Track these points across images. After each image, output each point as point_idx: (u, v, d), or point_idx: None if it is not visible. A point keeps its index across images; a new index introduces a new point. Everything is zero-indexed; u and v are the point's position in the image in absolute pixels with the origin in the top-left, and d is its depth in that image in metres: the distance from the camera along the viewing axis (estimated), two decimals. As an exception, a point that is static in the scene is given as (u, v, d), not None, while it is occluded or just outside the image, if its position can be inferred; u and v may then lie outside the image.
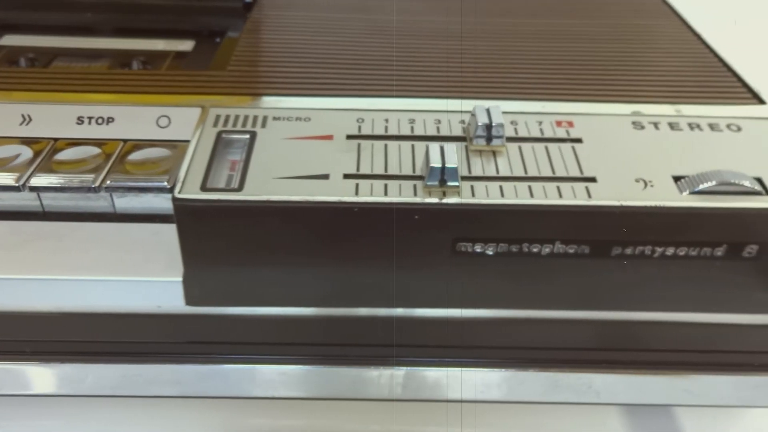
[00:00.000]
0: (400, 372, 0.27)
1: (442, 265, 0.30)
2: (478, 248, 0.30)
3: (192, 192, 0.29)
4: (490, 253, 0.30)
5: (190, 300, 0.31)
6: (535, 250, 0.30)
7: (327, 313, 0.31)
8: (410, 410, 0.33)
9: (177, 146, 0.32)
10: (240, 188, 0.29)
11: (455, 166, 0.29)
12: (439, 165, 0.29)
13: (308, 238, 0.29)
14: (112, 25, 0.48)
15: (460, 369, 0.27)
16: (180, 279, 0.31)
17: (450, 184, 0.29)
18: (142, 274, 0.31)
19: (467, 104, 0.34)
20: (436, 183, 0.29)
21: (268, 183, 0.30)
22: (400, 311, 0.31)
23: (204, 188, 0.29)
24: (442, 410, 0.33)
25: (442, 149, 0.30)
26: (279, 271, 0.30)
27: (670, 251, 0.30)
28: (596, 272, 0.30)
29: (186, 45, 0.47)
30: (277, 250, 0.30)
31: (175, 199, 0.29)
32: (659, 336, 0.32)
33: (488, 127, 0.32)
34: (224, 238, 0.29)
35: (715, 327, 0.32)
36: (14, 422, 0.33)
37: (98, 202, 0.32)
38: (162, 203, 0.31)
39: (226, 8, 0.47)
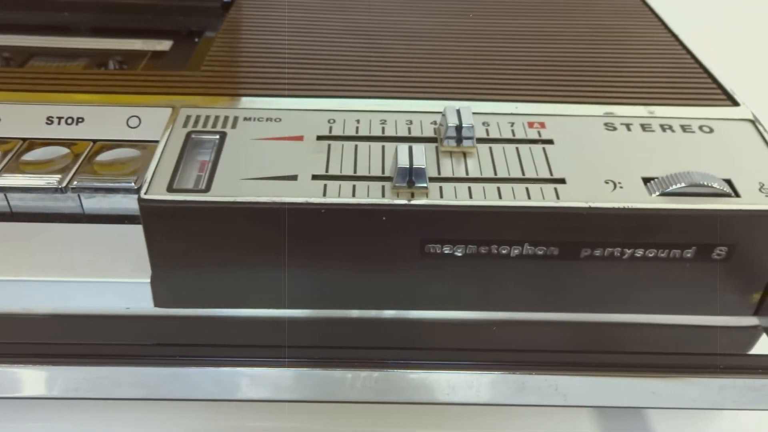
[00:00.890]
0: (368, 374, 0.27)
1: (411, 267, 0.30)
2: (446, 249, 0.30)
3: (158, 193, 0.29)
4: (459, 254, 0.30)
5: (158, 302, 0.31)
6: (504, 251, 0.30)
7: (295, 315, 0.31)
8: (377, 412, 0.33)
9: (147, 147, 0.32)
10: (207, 189, 0.29)
11: (423, 166, 0.29)
12: (407, 166, 0.29)
13: (275, 239, 0.29)
14: (90, 25, 0.48)
15: (426, 371, 0.27)
16: (148, 280, 0.31)
17: (418, 185, 0.29)
18: (110, 276, 0.31)
19: (440, 105, 0.34)
20: (405, 184, 0.29)
21: (235, 184, 0.29)
22: (369, 313, 0.31)
23: (171, 189, 0.29)
24: (409, 412, 0.33)
25: (410, 150, 0.30)
26: (247, 273, 0.30)
27: (639, 253, 0.30)
28: (565, 274, 0.30)
29: (164, 45, 0.47)
30: (245, 251, 0.30)
31: (140, 200, 0.29)
32: (627, 338, 0.32)
33: (458, 128, 0.31)
34: (191, 240, 0.29)
35: (682, 329, 0.32)
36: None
37: (66, 203, 0.32)
38: (131, 204, 0.31)
39: (204, 8, 0.47)
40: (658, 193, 0.30)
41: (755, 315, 0.32)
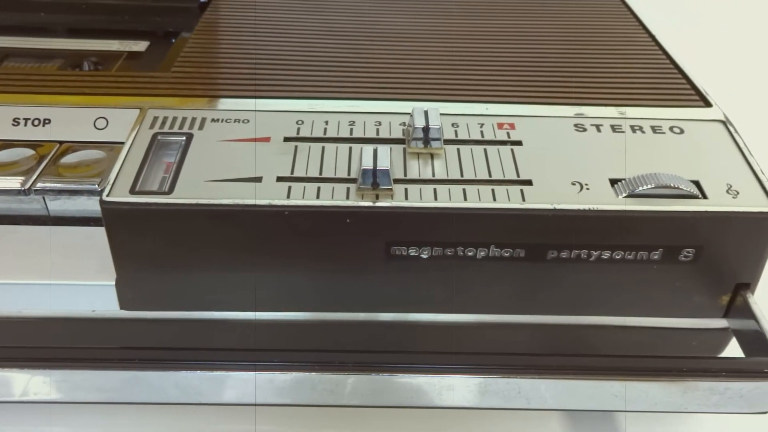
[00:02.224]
0: (328, 377, 0.27)
1: (376, 269, 0.30)
2: (412, 251, 0.30)
3: (121, 195, 0.29)
4: (425, 256, 0.30)
5: (124, 304, 0.31)
6: (470, 253, 0.30)
7: (262, 318, 0.31)
8: (337, 415, 0.33)
9: (113, 148, 0.32)
10: (170, 191, 0.29)
11: (387, 168, 0.29)
12: (371, 167, 0.29)
13: (239, 241, 0.29)
14: (67, 26, 0.47)
15: (388, 375, 0.27)
16: (113, 283, 0.30)
17: (383, 186, 0.29)
18: (75, 278, 0.31)
19: (410, 106, 0.33)
20: (369, 186, 0.29)
21: (199, 186, 0.29)
22: (333, 316, 0.31)
23: (133, 191, 0.29)
24: (368, 416, 0.33)
25: (375, 152, 0.29)
26: (212, 275, 0.30)
27: (606, 255, 0.30)
28: (532, 276, 0.30)
29: (140, 46, 0.46)
30: (209, 253, 0.29)
31: (102, 202, 0.28)
32: (596, 340, 0.32)
33: (425, 129, 0.31)
34: (154, 242, 0.29)
35: (652, 331, 0.32)
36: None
37: (32, 205, 0.32)
38: (95, 206, 0.31)
39: (181, 8, 0.47)
40: (624, 195, 0.29)
41: (725, 317, 0.32)
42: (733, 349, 0.32)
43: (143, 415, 0.33)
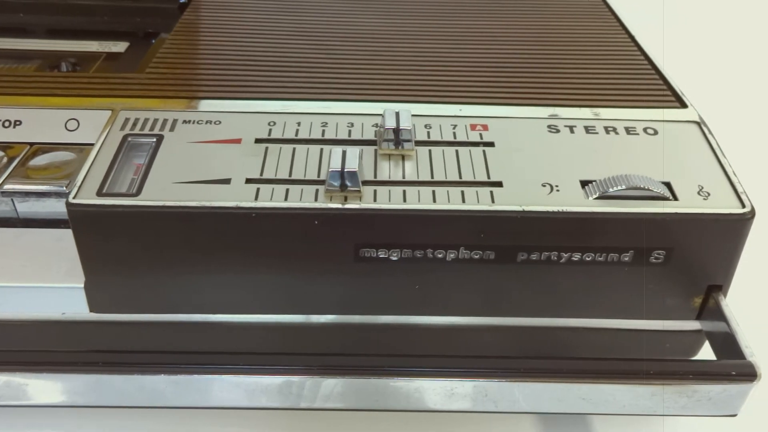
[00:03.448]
0: (287, 380, 0.27)
1: (345, 271, 0.30)
2: (381, 254, 0.29)
3: (87, 197, 0.28)
4: (395, 258, 0.29)
5: (93, 307, 0.31)
6: (439, 255, 0.29)
7: (230, 320, 0.31)
8: (306, 419, 0.33)
9: (83, 150, 0.32)
10: (137, 193, 0.29)
11: (355, 170, 0.29)
12: (339, 169, 0.29)
13: (207, 243, 0.29)
14: (46, 26, 0.47)
15: (354, 378, 0.27)
16: (82, 285, 0.30)
17: (351, 188, 0.29)
18: (45, 281, 0.30)
19: (384, 107, 0.33)
20: (337, 187, 0.29)
21: (166, 188, 0.29)
22: (297, 318, 0.31)
23: (101, 193, 0.29)
24: (335, 420, 0.33)
25: (343, 153, 0.29)
26: (181, 277, 0.30)
27: (576, 257, 0.29)
28: (503, 278, 0.30)
29: (119, 47, 0.46)
30: (177, 255, 0.29)
31: (69, 204, 0.28)
32: (563, 343, 0.32)
33: (396, 131, 0.31)
34: (122, 244, 0.29)
35: (619, 333, 0.31)
36: None
37: (0, 207, 0.32)
38: (64, 208, 0.31)
39: (161, 9, 0.47)
40: (595, 196, 0.29)
41: (698, 319, 0.32)
42: (708, 351, 0.32)
43: (112, 418, 0.33)
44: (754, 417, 0.30)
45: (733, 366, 0.27)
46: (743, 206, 0.29)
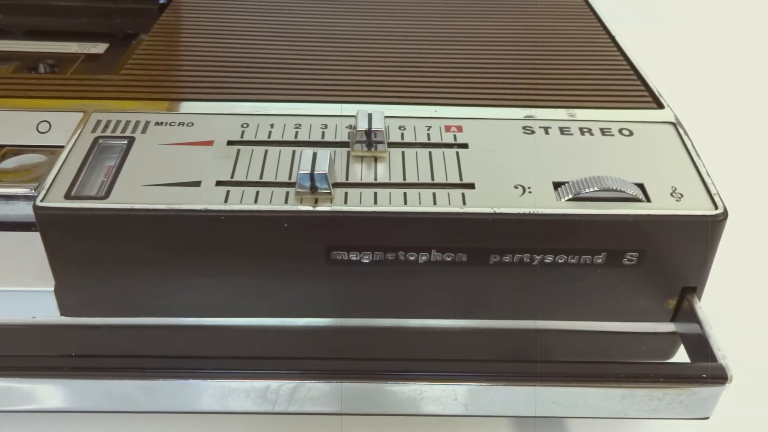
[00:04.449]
0: (264, 384, 0.27)
1: (317, 274, 0.29)
2: (353, 256, 0.29)
3: (55, 200, 0.28)
4: (366, 261, 0.29)
5: (64, 310, 0.31)
6: (411, 258, 0.29)
7: (200, 323, 0.31)
8: (273, 422, 0.33)
9: (54, 152, 0.32)
10: (106, 196, 0.29)
11: (325, 172, 0.28)
12: (308, 171, 0.28)
13: (177, 247, 0.29)
14: (25, 28, 0.47)
15: (322, 381, 0.27)
16: (52, 289, 0.30)
17: (321, 190, 0.29)
18: (15, 284, 0.30)
19: (358, 109, 0.33)
20: (307, 190, 0.29)
21: (135, 190, 0.29)
22: (269, 321, 0.31)
23: (69, 196, 0.29)
24: (306, 424, 0.33)
25: (314, 155, 0.29)
26: (151, 281, 0.30)
27: (549, 259, 0.29)
28: (475, 280, 0.30)
29: (98, 48, 0.46)
30: (146, 259, 0.29)
31: (36, 208, 0.28)
32: (533, 345, 0.32)
33: (368, 132, 0.31)
34: (90, 247, 0.29)
35: (594, 335, 0.31)
36: None
37: (-30, 210, 0.31)
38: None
39: (140, 10, 0.46)
40: (567, 198, 0.29)
41: (673, 321, 0.31)
42: (684, 354, 0.32)
43: (81, 423, 0.32)
44: (727, 419, 0.30)
45: (704, 369, 0.27)
46: (716, 207, 0.29)
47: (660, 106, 0.35)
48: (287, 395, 0.27)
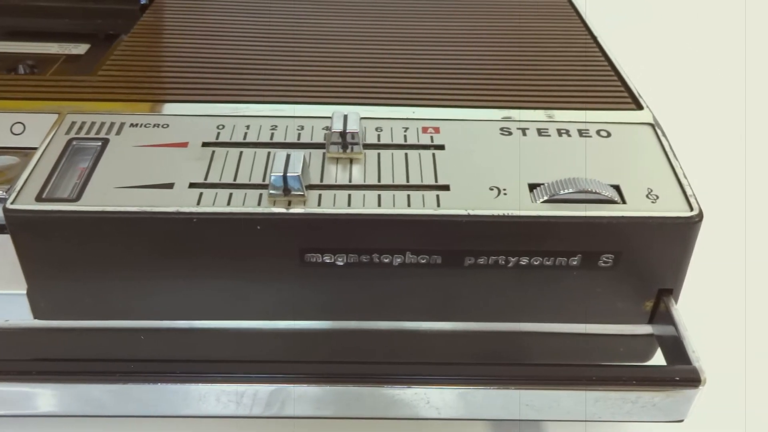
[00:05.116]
0: (234, 388, 0.26)
1: (291, 276, 0.29)
2: (327, 259, 0.29)
3: (25, 202, 0.28)
4: (341, 263, 0.29)
5: (37, 313, 0.30)
6: (386, 260, 0.29)
7: (175, 326, 0.30)
8: (244, 426, 0.32)
9: (27, 154, 0.31)
10: (77, 198, 0.28)
11: (298, 174, 0.28)
12: (281, 173, 0.28)
13: (150, 249, 0.28)
14: (6, 28, 0.47)
15: (292, 385, 0.26)
16: (25, 292, 0.30)
17: (294, 192, 0.28)
18: (-13, 287, 0.30)
19: (336, 110, 0.33)
20: (280, 192, 0.28)
21: (107, 193, 0.29)
22: (243, 324, 0.30)
23: (40, 198, 0.28)
24: (277, 427, 0.32)
25: (287, 156, 0.29)
26: (124, 283, 0.29)
27: (524, 261, 0.29)
28: (450, 283, 0.30)
29: (79, 49, 0.46)
30: (119, 261, 0.29)
31: (5, 210, 0.28)
32: (517, 348, 0.31)
33: (342, 134, 0.31)
34: (62, 250, 0.28)
35: (571, 337, 0.31)
36: None
37: (-58, 213, 0.31)
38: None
39: (122, 11, 0.46)
40: (542, 200, 0.29)
41: (650, 324, 0.31)
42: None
43: (55, 428, 0.32)
44: (702, 422, 0.30)
45: (677, 371, 0.27)
46: (691, 209, 0.29)
47: (639, 107, 0.35)
48: (258, 399, 0.27)
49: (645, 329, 0.31)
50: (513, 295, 0.30)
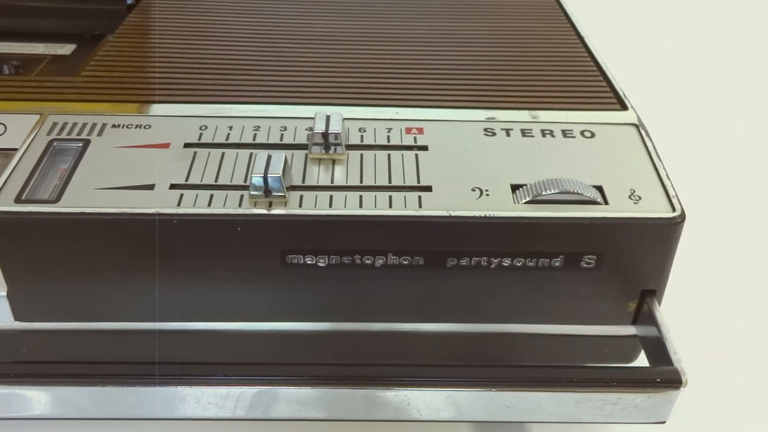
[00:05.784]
0: (212, 390, 0.26)
1: (272, 278, 0.29)
2: (308, 260, 0.29)
3: (5, 204, 0.28)
4: (322, 264, 0.29)
5: (18, 315, 0.30)
6: (368, 261, 0.29)
7: (156, 327, 0.30)
8: (227, 428, 0.32)
9: (8, 155, 0.31)
10: (57, 200, 0.28)
11: (278, 175, 0.28)
12: (261, 174, 0.28)
13: (129, 251, 0.28)
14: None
15: (273, 387, 0.26)
16: (5, 294, 0.30)
17: (275, 194, 0.28)
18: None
19: (319, 111, 0.33)
20: (261, 193, 0.28)
21: (87, 194, 0.28)
22: (222, 326, 0.30)
23: (19, 200, 0.28)
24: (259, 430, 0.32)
25: (268, 158, 0.29)
26: (105, 285, 0.29)
27: (507, 262, 0.29)
28: (433, 284, 0.30)
29: (65, 49, 0.45)
30: (99, 263, 0.29)
31: (-16, 212, 0.28)
32: (493, 349, 0.31)
33: (324, 134, 0.31)
34: (42, 252, 0.28)
35: (555, 338, 0.31)
36: None
37: None
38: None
39: (108, 11, 0.46)
40: (525, 201, 0.29)
41: (633, 324, 0.31)
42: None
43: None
44: (685, 424, 0.30)
45: (658, 373, 0.27)
46: (673, 210, 0.29)
47: (624, 107, 0.35)
48: (240, 402, 0.27)
49: (629, 330, 0.31)
50: (496, 297, 0.30)
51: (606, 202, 0.29)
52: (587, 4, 0.53)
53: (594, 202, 0.29)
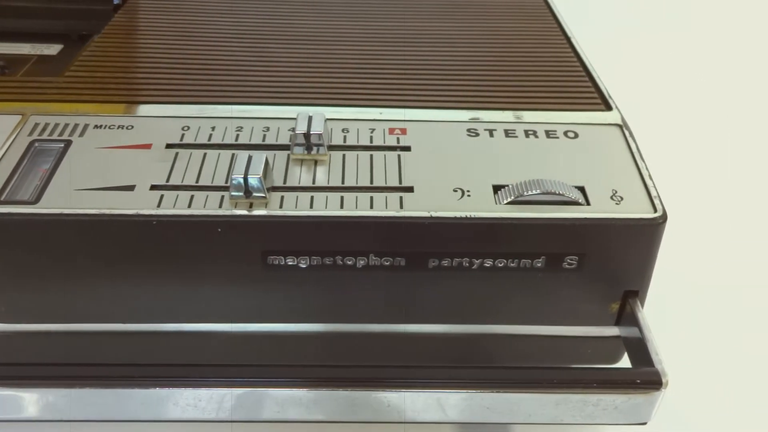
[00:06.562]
0: (184, 391, 0.26)
1: (253, 279, 0.29)
2: (290, 261, 0.29)
3: (-18, 205, 0.28)
4: (303, 266, 0.29)
5: (-1, 317, 0.30)
6: (349, 262, 0.29)
7: (138, 329, 0.30)
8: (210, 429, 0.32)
9: (-11, 156, 0.31)
10: (36, 201, 0.28)
11: (259, 176, 0.28)
12: (241, 175, 0.28)
13: (109, 252, 0.28)
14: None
15: (254, 389, 0.26)
16: (-15, 295, 0.29)
17: (256, 195, 0.28)
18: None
19: (299, 111, 0.32)
20: (242, 194, 0.28)
21: (67, 195, 0.28)
22: (201, 327, 0.30)
23: (-2, 200, 0.28)
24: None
25: (249, 158, 0.29)
26: (86, 286, 0.29)
27: (488, 263, 0.29)
28: (415, 285, 0.29)
29: (52, 49, 0.45)
30: (78, 265, 0.28)
31: (-39, 213, 0.27)
32: (476, 350, 0.31)
33: (306, 135, 0.30)
34: (21, 253, 0.28)
35: (538, 339, 0.31)
36: None
37: None
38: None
39: (95, 11, 0.46)
40: (506, 201, 0.29)
41: (616, 325, 0.31)
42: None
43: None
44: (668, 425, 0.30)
45: (639, 374, 0.27)
46: (655, 211, 0.28)
47: (608, 108, 0.35)
48: (222, 404, 0.27)
49: (612, 331, 0.31)
50: (478, 297, 0.30)
51: (588, 203, 0.29)
52: (576, 5, 0.54)
53: (576, 203, 0.29)
